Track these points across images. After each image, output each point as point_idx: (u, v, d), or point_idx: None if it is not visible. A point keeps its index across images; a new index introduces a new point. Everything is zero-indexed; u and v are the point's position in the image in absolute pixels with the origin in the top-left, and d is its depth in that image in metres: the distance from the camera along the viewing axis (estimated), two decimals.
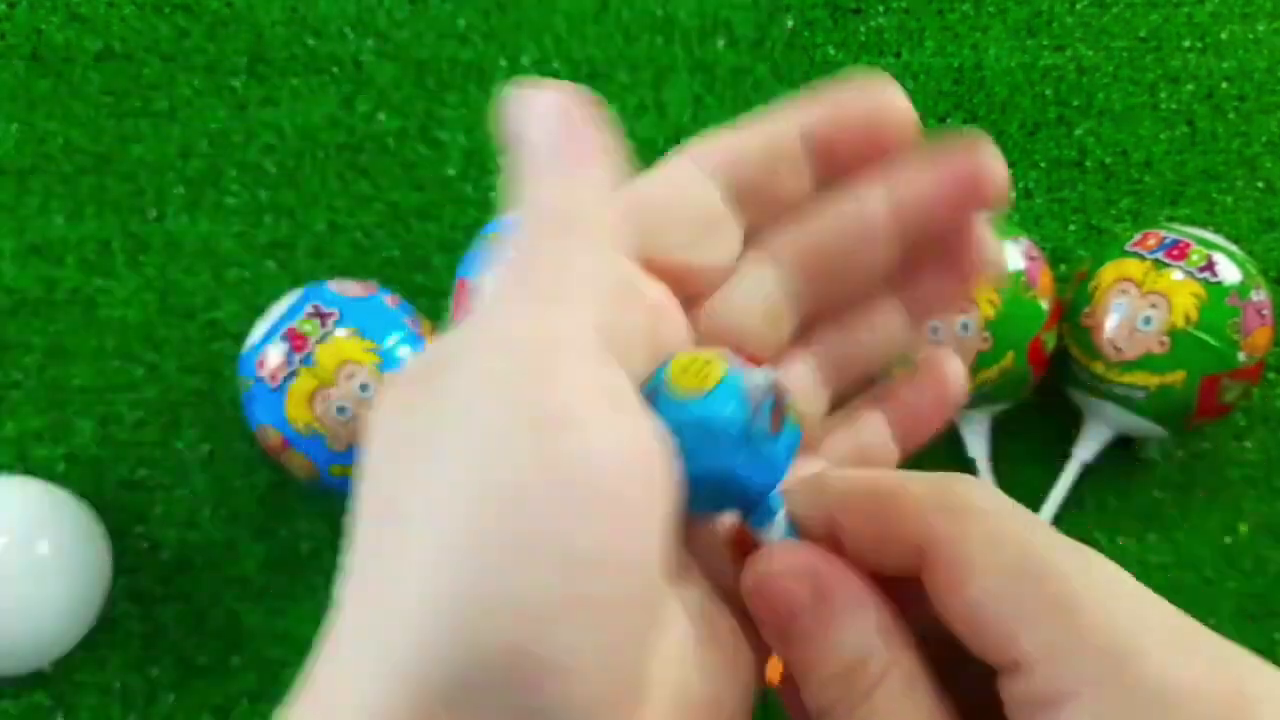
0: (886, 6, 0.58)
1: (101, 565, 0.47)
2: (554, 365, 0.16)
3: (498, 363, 0.16)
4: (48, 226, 0.53)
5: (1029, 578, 0.16)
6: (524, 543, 0.15)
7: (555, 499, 0.15)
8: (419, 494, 0.16)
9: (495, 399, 0.15)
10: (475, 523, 0.15)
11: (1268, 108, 0.57)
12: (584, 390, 0.16)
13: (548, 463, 0.15)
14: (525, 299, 0.17)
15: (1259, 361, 0.45)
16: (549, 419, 0.15)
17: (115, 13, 0.57)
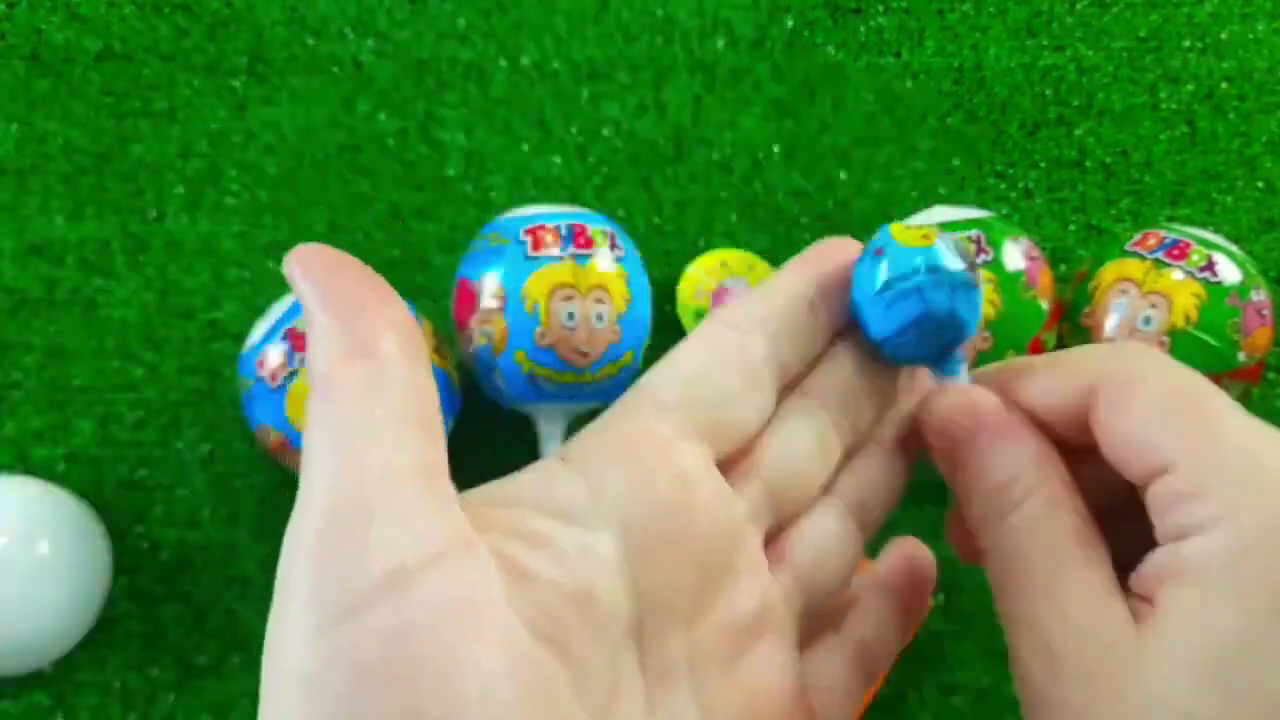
0: (886, 6, 0.58)
1: (101, 565, 0.47)
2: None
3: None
4: (47, 226, 0.53)
5: (1186, 404, 0.19)
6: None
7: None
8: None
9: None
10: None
11: (1268, 108, 0.57)
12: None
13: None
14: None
15: (1259, 362, 0.45)
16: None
17: (115, 13, 0.57)
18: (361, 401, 0.17)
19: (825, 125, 0.56)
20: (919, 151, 0.56)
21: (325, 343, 0.18)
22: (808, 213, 0.55)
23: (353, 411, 0.17)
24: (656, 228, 0.54)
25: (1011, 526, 0.20)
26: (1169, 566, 0.18)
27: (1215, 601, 0.17)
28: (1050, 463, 0.21)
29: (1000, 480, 0.21)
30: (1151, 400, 0.19)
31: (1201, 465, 0.18)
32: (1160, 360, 0.21)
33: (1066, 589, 0.19)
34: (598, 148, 0.55)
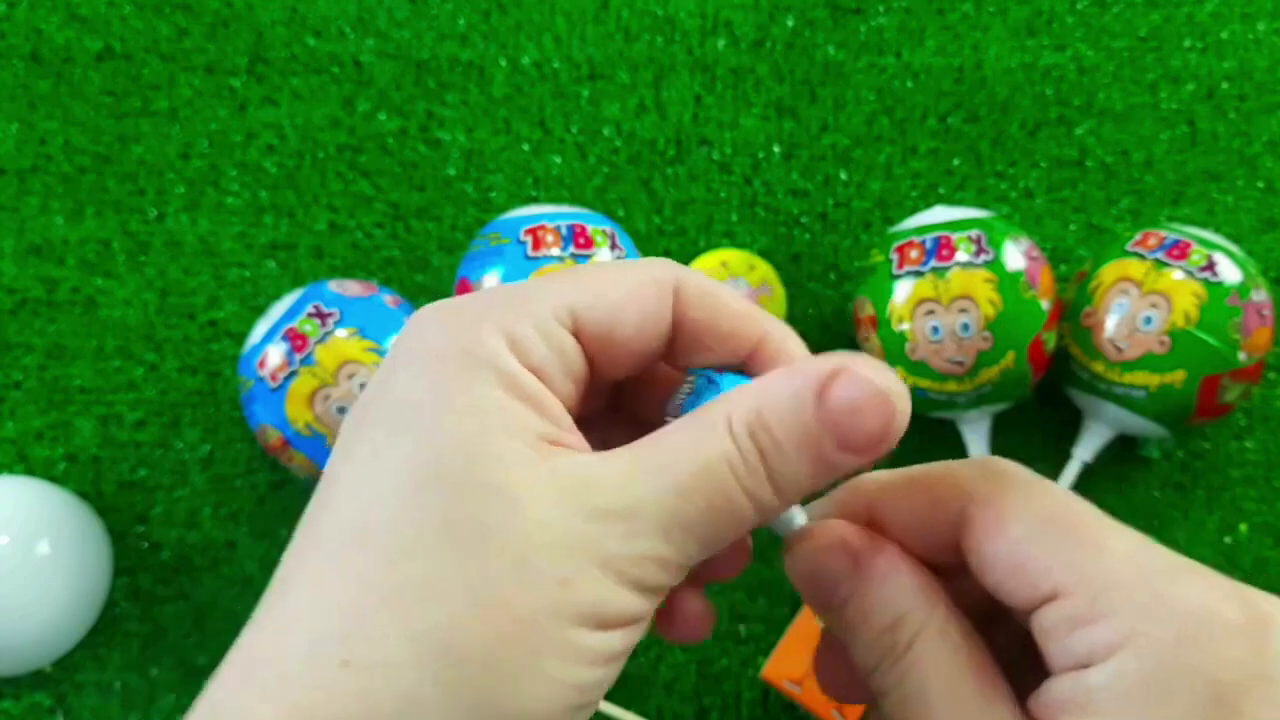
0: (887, 6, 0.58)
1: (102, 565, 0.47)
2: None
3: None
4: (48, 226, 0.53)
5: (1062, 522, 0.19)
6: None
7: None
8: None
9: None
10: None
11: (1268, 107, 0.57)
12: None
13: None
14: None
15: (1259, 361, 0.45)
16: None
17: (115, 12, 0.57)
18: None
19: (826, 125, 0.56)
20: (919, 151, 0.56)
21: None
22: (808, 212, 0.55)
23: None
24: (657, 227, 0.54)
25: (907, 669, 0.19)
26: (1072, 698, 0.18)
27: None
28: (934, 592, 0.20)
29: (888, 621, 0.20)
30: (1030, 523, 0.19)
31: (1094, 589, 0.18)
32: (1029, 479, 0.20)
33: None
34: (598, 147, 0.55)
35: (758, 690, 0.47)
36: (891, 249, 0.46)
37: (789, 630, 0.45)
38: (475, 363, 0.18)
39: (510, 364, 0.19)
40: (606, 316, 0.20)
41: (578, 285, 0.20)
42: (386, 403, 0.19)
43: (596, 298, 0.20)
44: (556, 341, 0.19)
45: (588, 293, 0.20)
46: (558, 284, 0.20)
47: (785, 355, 0.21)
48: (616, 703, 0.46)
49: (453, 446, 0.18)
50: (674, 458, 0.18)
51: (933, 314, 0.44)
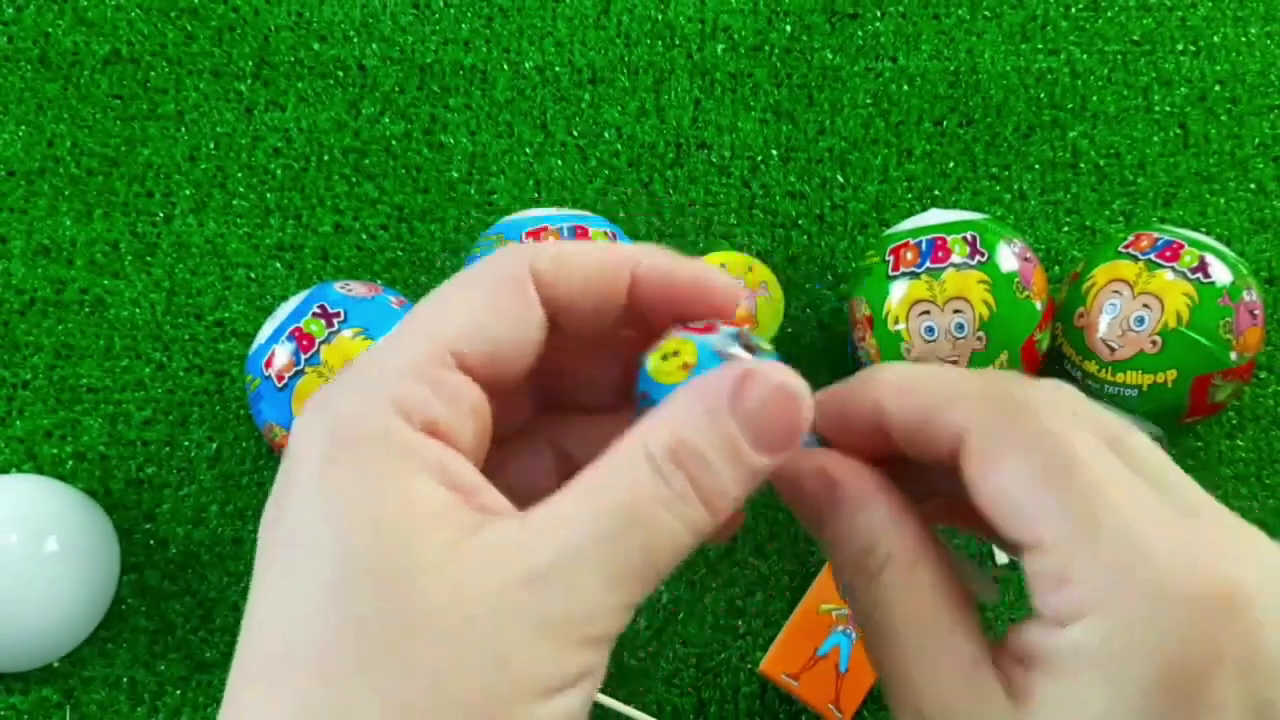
0: (883, 11, 0.59)
1: (109, 562, 0.47)
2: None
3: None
4: (56, 228, 0.54)
5: (1057, 466, 0.18)
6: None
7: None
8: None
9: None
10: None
11: (1260, 110, 0.57)
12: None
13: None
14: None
15: (1250, 361, 0.46)
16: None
17: (122, 16, 0.57)
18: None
19: (823, 128, 0.57)
20: (915, 154, 0.56)
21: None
22: (805, 214, 0.55)
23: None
24: (656, 230, 0.55)
25: (876, 593, 0.20)
26: (1042, 652, 0.18)
27: (1086, 697, 0.17)
28: (907, 524, 0.21)
29: (860, 547, 0.20)
30: (1023, 466, 0.19)
31: (1074, 548, 0.18)
32: (1034, 405, 0.19)
33: (937, 657, 0.19)
34: (599, 151, 0.56)
35: (756, 684, 0.47)
36: (887, 250, 0.47)
37: (787, 625, 0.46)
38: (370, 443, 0.18)
39: (405, 435, 0.18)
40: (483, 341, 0.19)
41: (443, 321, 0.19)
42: (290, 516, 0.18)
43: (467, 324, 0.19)
44: (445, 388, 0.19)
45: (454, 325, 0.19)
46: (427, 327, 0.19)
47: (670, 279, 0.21)
48: (616, 697, 0.46)
49: (364, 552, 0.17)
50: (598, 503, 0.18)
51: (928, 314, 0.45)
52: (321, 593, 0.17)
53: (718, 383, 0.19)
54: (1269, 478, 0.51)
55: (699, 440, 0.18)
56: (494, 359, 0.20)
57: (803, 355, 0.53)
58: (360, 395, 0.18)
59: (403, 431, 0.18)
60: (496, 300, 0.20)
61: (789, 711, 0.47)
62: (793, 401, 0.19)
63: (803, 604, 0.46)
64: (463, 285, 0.20)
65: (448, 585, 0.17)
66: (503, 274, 0.20)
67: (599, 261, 0.21)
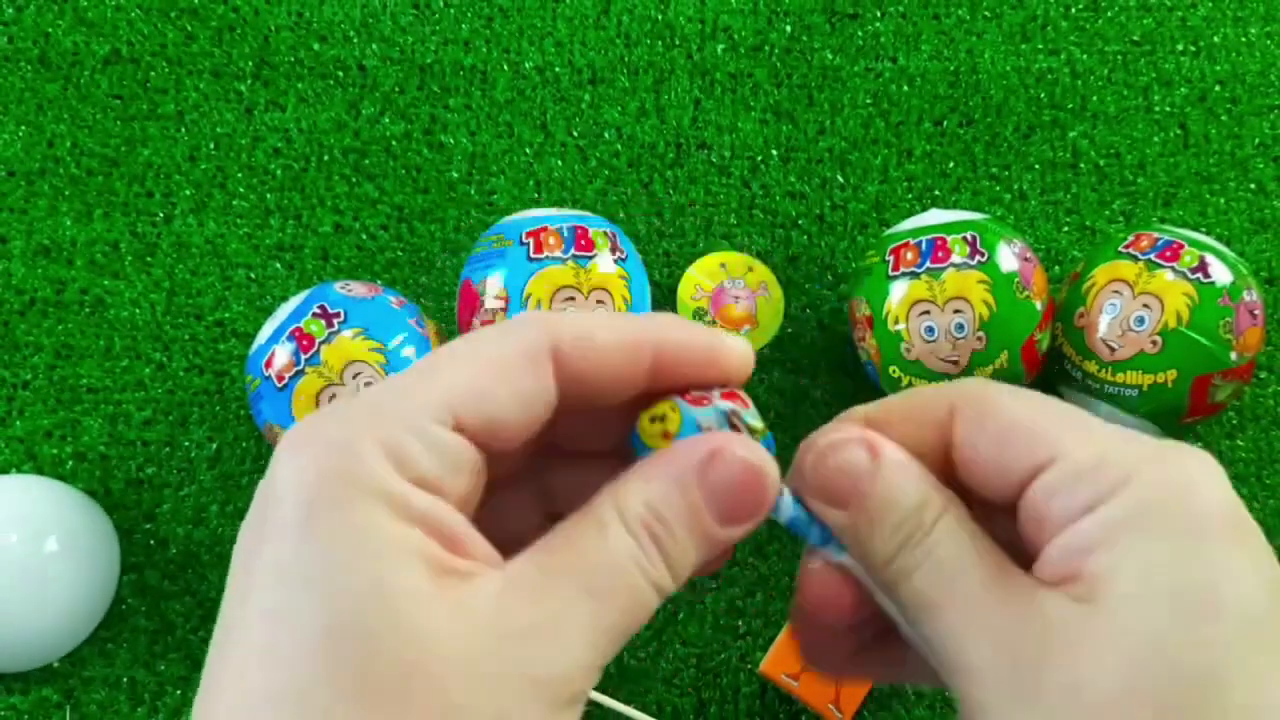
0: (883, 11, 0.59)
1: (109, 562, 0.47)
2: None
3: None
4: (56, 228, 0.54)
5: (1048, 406, 0.21)
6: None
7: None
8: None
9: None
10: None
11: (1260, 110, 0.57)
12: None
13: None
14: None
15: (1250, 361, 0.46)
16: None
17: (122, 16, 0.58)
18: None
19: (823, 129, 0.57)
20: (915, 154, 0.57)
21: None
22: (805, 215, 0.55)
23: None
24: (656, 230, 0.55)
25: (932, 546, 0.20)
26: (1087, 538, 0.19)
27: (1151, 551, 0.18)
28: (946, 488, 0.21)
29: (912, 505, 0.21)
30: (1017, 408, 0.20)
31: (1090, 445, 0.19)
32: (1009, 386, 0.21)
33: (1003, 587, 0.20)
34: (599, 151, 0.56)
35: (756, 684, 0.47)
36: (887, 250, 0.47)
37: (787, 625, 0.46)
38: (357, 491, 0.17)
39: (395, 484, 0.18)
40: (485, 407, 0.19)
41: (448, 380, 0.19)
42: (272, 554, 0.18)
43: (470, 391, 0.19)
44: (440, 445, 0.19)
45: (460, 387, 0.19)
46: (431, 382, 0.19)
47: (687, 355, 0.21)
48: (617, 698, 0.46)
49: (351, 602, 0.17)
50: (581, 563, 0.19)
51: (928, 314, 0.45)
52: (312, 645, 0.17)
53: (688, 456, 0.20)
54: (1269, 478, 0.51)
55: (666, 510, 0.19)
56: (493, 428, 0.19)
57: (803, 355, 0.53)
58: (352, 436, 0.18)
59: (392, 481, 0.18)
60: (509, 371, 0.20)
61: (789, 712, 0.47)
62: (757, 479, 0.20)
63: None
64: (478, 346, 0.20)
65: (437, 644, 0.17)
66: (522, 346, 0.20)
67: (622, 343, 0.21)
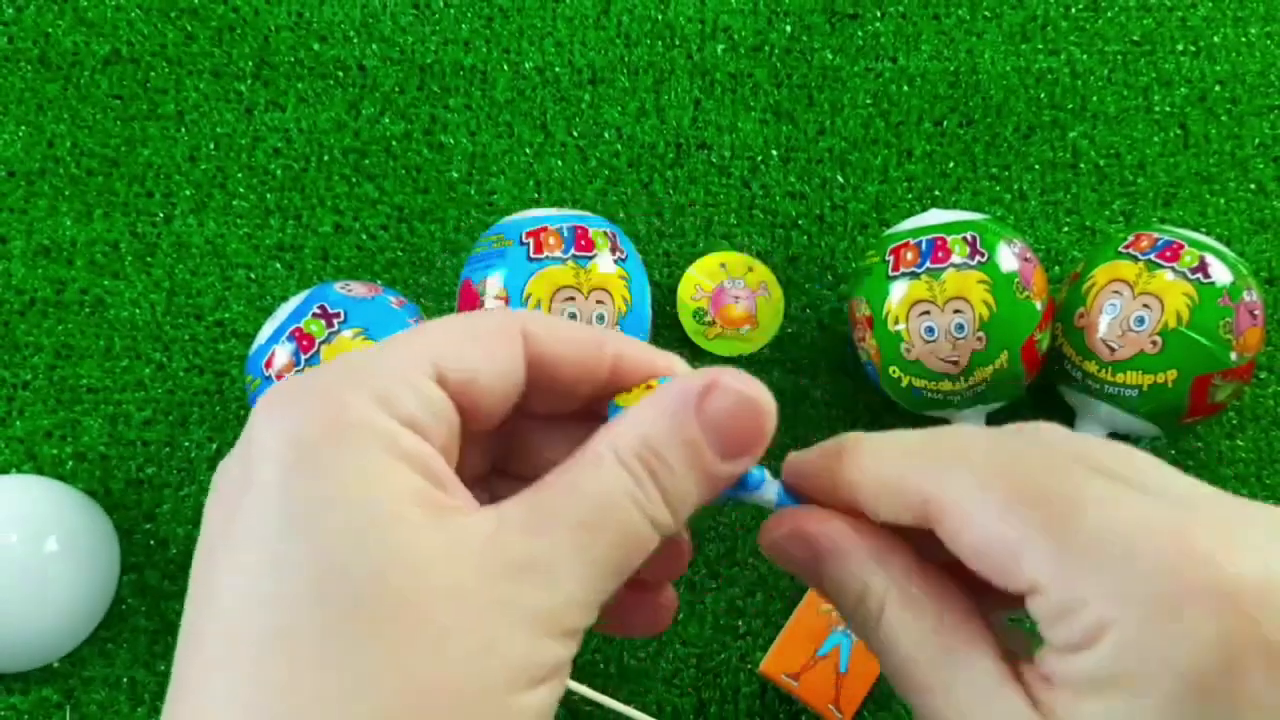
0: (883, 11, 0.59)
1: (109, 562, 0.47)
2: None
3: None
4: (56, 228, 0.54)
5: (1027, 502, 0.18)
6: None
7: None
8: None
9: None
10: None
11: (1260, 110, 0.57)
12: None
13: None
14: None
15: (1250, 361, 0.46)
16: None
17: (122, 16, 0.58)
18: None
19: (823, 129, 0.57)
20: (915, 154, 0.57)
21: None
22: (805, 215, 0.55)
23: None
24: (656, 230, 0.55)
25: (884, 636, 0.20)
26: (1063, 676, 0.18)
27: (1117, 716, 0.17)
28: (895, 557, 0.21)
29: (855, 595, 0.20)
30: (994, 513, 0.18)
31: (1068, 580, 0.18)
32: (986, 446, 0.19)
33: (956, 686, 0.19)
34: (599, 151, 0.56)
35: (756, 684, 0.47)
36: (887, 251, 0.47)
37: (787, 625, 0.46)
38: (348, 430, 0.18)
39: (385, 422, 0.18)
40: (466, 366, 0.20)
41: (432, 340, 0.20)
42: (265, 496, 0.17)
43: (453, 349, 0.20)
44: (425, 393, 0.19)
45: (444, 345, 0.20)
46: (413, 341, 0.20)
47: (645, 366, 0.22)
48: (617, 697, 0.47)
49: (345, 536, 0.17)
50: (573, 498, 0.19)
51: (928, 314, 0.45)
52: (306, 581, 0.17)
53: (684, 389, 0.19)
54: (1269, 478, 0.51)
55: (663, 444, 0.19)
56: (472, 389, 0.20)
57: (803, 355, 0.53)
58: (337, 385, 0.18)
59: (381, 418, 0.18)
60: (485, 338, 0.20)
61: (789, 712, 0.47)
62: (756, 411, 0.20)
63: (803, 604, 0.46)
64: (460, 319, 0.21)
65: (430, 573, 0.17)
66: (495, 320, 0.21)
67: (588, 339, 0.21)
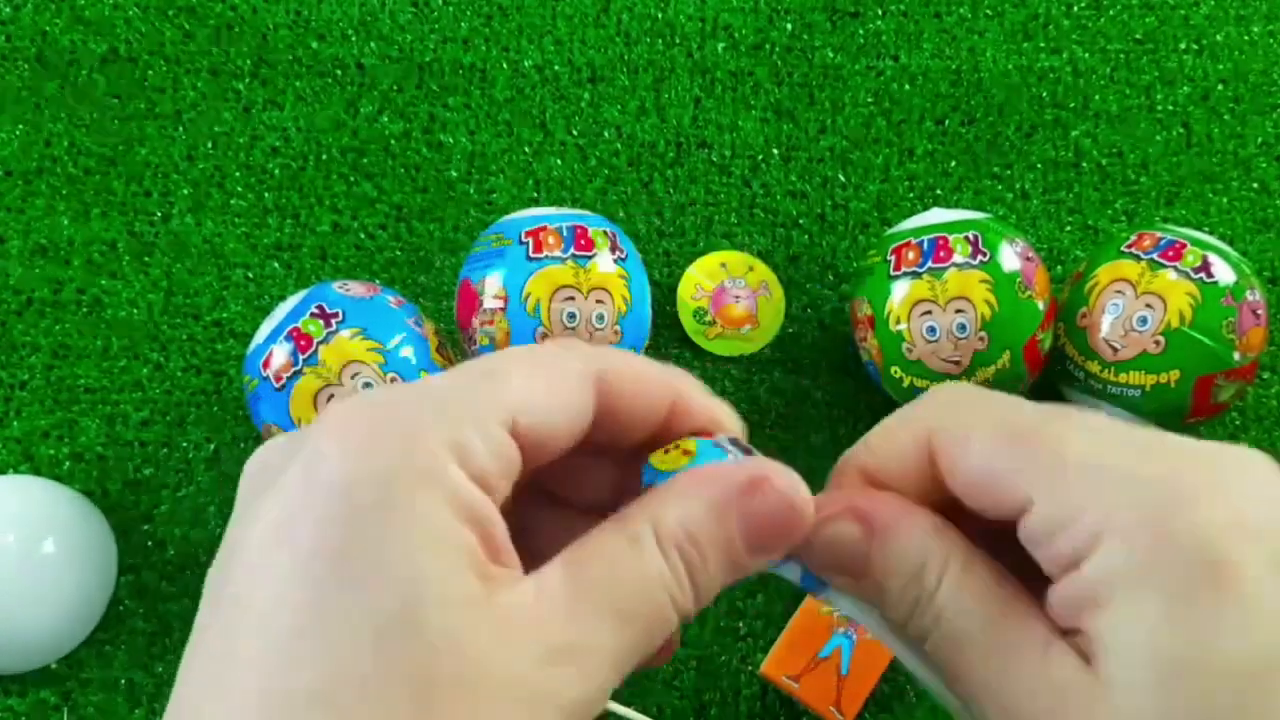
0: (884, 10, 0.59)
1: (107, 563, 0.47)
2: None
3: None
4: (54, 227, 0.54)
5: (1017, 432, 0.20)
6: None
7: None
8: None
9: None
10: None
11: (1263, 109, 0.57)
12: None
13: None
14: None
15: (1253, 361, 0.46)
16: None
17: (120, 15, 0.57)
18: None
19: (824, 127, 0.57)
20: (916, 153, 0.56)
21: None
22: (806, 214, 0.55)
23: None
24: (657, 229, 0.55)
25: (940, 606, 0.20)
26: (1078, 596, 0.18)
27: (1140, 615, 0.17)
28: (948, 530, 0.21)
29: (912, 568, 0.20)
30: (987, 439, 0.20)
31: (1061, 491, 0.18)
32: (981, 396, 0.21)
33: (1012, 653, 0.19)
34: (598, 150, 0.56)
35: (757, 686, 0.47)
36: (889, 250, 0.47)
37: (788, 627, 0.46)
38: (426, 487, 0.17)
39: (457, 475, 0.18)
40: (542, 419, 0.19)
41: (514, 388, 0.19)
42: (325, 531, 0.17)
43: (531, 400, 0.19)
44: (499, 446, 0.19)
45: (522, 395, 0.19)
46: (496, 386, 0.19)
47: (701, 413, 0.22)
48: (616, 699, 0.46)
49: (403, 601, 0.17)
50: (612, 581, 0.18)
51: (929, 314, 0.45)
52: (353, 639, 0.16)
53: (729, 479, 0.19)
54: None
55: (701, 533, 0.19)
56: (542, 437, 0.20)
57: (804, 355, 0.52)
58: (416, 424, 0.18)
59: (456, 474, 0.18)
60: (565, 384, 0.20)
61: (790, 714, 0.47)
62: (795, 514, 0.20)
63: (804, 606, 0.46)
64: (537, 362, 0.20)
65: (477, 651, 0.17)
66: (578, 364, 0.21)
67: (658, 384, 0.22)
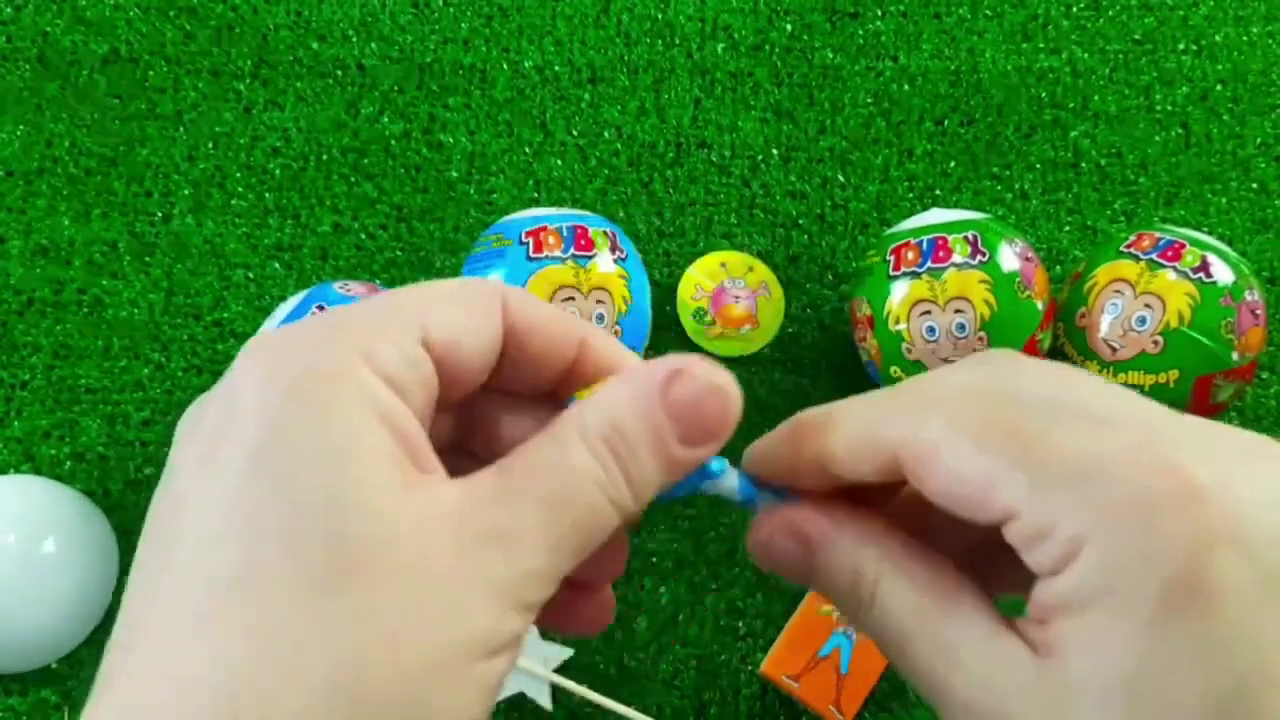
0: (884, 10, 0.59)
1: (108, 563, 0.47)
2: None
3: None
4: (55, 228, 0.54)
5: (993, 440, 0.19)
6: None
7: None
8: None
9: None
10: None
11: (1261, 110, 0.57)
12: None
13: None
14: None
15: (1252, 361, 0.46)
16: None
17: (121, 16, 0.57)
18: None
19: (823, 128, 0.57)
20: (916, 154, 0.56)
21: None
22: (806, 214, 0.55)
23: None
24: (656, 229, 0.55)
25: (881, 612, 0.20)
26: (1050, 602, 0.18)
27: (1107, 627, 0.17)
28: (880, 535, 0.21)
29: (847, 581, 0.21)
30: (962, 446, 0.19)
31: (1040, 502, 0.18)
32: (944, 407, 0.20)
33: (954, 646, 0.19)
34: (599, 150, 0.56)
35: (756, 685, 0.47)
36: (888, 250, 0.47)
37: (787, 626, 0.46)
38: (334, 381, 0.18)
39: (369, 378, 0.18)
40: (451, 329, 0.20)
41: (421, 301, 0.20)
42: (243, 439, 0.17)
43: (440, 311, 0.20)
44: (410, 353, 0.19)
45: (431, 307, 0.20)
46: (401, 300, 0.20)
47: (608, 356, 0.22)
48: (616, 698, 0.46)
49: (323, 488, 0.17)
50: (540, 475, 0.19)
51: (929, 314, 0.45)
52: (281, 526, 0.17)
53: (650, 374, 0.20)
54: None
55: (629, 428, 0.19)
56: (454, 352, 0.20)
57: (803, 355, 0.53)
58: (327, 336, 0.19)
59: (368, 376, 0.18)
60: (469, 303, 0.21)
61: (789, 713, 0.47)
62: (721, 398, 0.20)
63: (803, 605, 0.46)
64: (445, 285, 0.21)
65: (402, 542, 0.17)
66: (478, 287, 0.21)
67: (560, 317, 0.22)
